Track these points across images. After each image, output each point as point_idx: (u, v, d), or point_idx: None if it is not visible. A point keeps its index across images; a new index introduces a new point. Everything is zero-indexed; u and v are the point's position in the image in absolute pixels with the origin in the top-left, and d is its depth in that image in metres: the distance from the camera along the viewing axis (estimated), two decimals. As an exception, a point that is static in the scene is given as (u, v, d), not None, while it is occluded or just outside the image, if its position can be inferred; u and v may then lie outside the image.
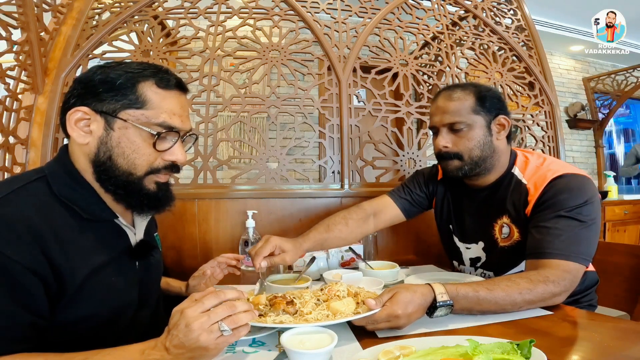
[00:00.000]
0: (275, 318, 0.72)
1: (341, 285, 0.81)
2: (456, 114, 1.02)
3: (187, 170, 1.56)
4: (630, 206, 3.41)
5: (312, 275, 1.15)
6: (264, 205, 1.51)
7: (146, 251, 0.76)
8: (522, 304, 0.80)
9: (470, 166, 1.03)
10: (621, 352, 0.64)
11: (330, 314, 0.72)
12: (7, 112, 1.39)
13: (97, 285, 0.65)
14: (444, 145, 1.04)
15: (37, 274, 0.57)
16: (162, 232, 1.46)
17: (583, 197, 0.90)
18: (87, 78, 0.68)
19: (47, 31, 1.53)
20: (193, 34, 1.65)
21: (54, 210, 0.63)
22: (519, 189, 1.01)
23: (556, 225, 0.88)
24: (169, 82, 0.69)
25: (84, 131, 0.66)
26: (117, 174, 0.67)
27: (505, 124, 1.04)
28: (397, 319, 0.71)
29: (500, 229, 1.04)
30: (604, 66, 4.71)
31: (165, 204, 0.73)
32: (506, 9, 2.05)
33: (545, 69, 1.93)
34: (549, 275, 0.82)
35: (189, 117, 0.74)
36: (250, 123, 1.59)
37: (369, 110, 1.68)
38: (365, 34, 1.74)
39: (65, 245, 0.61)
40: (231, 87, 1.60)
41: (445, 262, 1.42)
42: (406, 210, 1.24)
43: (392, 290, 0.76)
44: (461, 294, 0.77)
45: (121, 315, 0.71)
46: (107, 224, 0.71)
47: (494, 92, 1.06)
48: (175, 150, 0.70)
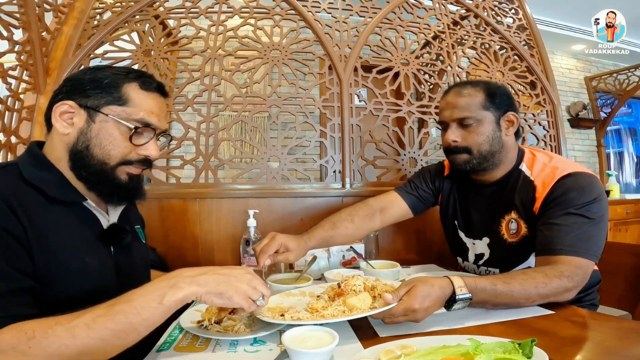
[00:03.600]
0: (293, 315, 0.73)
1: (357, 279, 0.80)
2: (466, 109, 1.03)
3: (189, 170, 1.57)
4: (632, 205, 3.40)
5: (313, 274, 1.15)
6: (265, 204, 1.51)
7: (117, 235, 0.77)
8: (536, 297, 0.80)
9: (479, 160, 1.04)
10: (623, 351, 0.64)
11: (346, 310, 0.73)
12: (9, 112, 1.40)
13: (69, 265, 0.66)
14: (453, 140, 1.05)
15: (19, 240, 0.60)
16: (164, 232, 1.47)
17: (591, 194, 0.91)
18: (76, 77, 0.74)
19: (49, 31, 1.54)
20: (194, 33, 1.65)
21: (24, 191, 0.66)
22: (527, 186, 1.01)
23: (565, 222, 0.89)
24: (150, 85, 0.76)
25: (67, 122, 0.71)
26: (92, 162, 0.71)
27: (514, 120, 1.05)
28: (415, 312, 0.71)
29: (508, 225, 1.05)
30: (606, 65, 4.70)
31: (135, 195, 0.78)
32: (507, 8, 2.04)
33: (547, 68, 1.93)
34: (563, 270, 0.83)
35: (166, 119, 0.80)
36: (251, 122, 1.59)
37: (370, 110, 1.68)
38: (366, 34, 1.73)
39: (33, 220, 0.63)
40: (232, 87, 1.61)
41: (447, 262, 1.42)
42: (414, 206, 1.24)
43: (409, 283, 0.75)
44: (480, 287, 0.77)
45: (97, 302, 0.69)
46: (77, 206, 0.73)
47: (503, 90, 1.07)
48: (149, 146, 0.76)
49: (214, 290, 0.62)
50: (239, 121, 1.62)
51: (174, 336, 0.73)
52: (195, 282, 0.62)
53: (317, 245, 1.09)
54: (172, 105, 1.55)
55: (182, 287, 0.60)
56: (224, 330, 0.72)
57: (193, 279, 0.62)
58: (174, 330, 0.76)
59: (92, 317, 0.55)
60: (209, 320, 0.74)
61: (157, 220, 1.45)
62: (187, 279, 0.62)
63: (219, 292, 0.62)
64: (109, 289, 0.73)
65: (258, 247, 0.98)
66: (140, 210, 1.00)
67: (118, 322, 0.56)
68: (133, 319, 0.56)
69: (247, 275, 0.67)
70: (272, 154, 1.58)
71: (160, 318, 0.59)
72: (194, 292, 0.61)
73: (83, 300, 0.66)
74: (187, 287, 0.61)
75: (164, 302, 0.58)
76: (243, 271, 0.67)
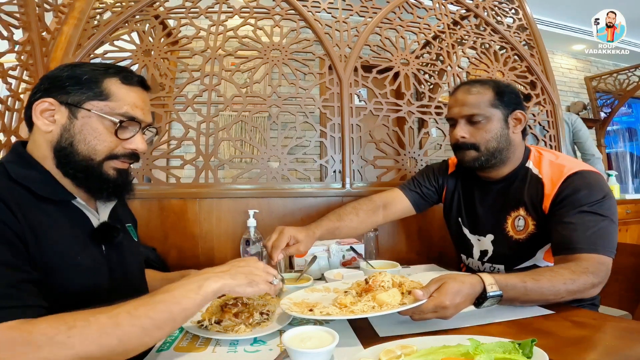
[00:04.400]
0: (322, 310, 0.73)
1: (385, 276, 0.81)
2: (475, 107, 1.04)
3: (189, 170, 1.57)
4: (632, 205, 3.40)
5: (313, 274, 1.15)
6: (265, 204, 1.51)
7: (108, 233, 0.77)
8: (564, 294, 0.81)
9: (487, 157, 1.05)
10: (623, 351, 0.64)
11: (376, 306, 0.73)
12: (9, 112, 1.40)
13: (60, 262, 0.66)
14: (461, 136, 1.06)
15: (19, 237, 0.60)
16: (164, 232, 1.47)
17: (601, 192, 0.93)
18: (54, 74, 0.73)
19: (49, 31, 1.54)
20: (194, 33, 1.65)
21: (13, 190, 0.65)
22: (535, 183, 1.03)
23: (580, 220, 0.90)
24: (132, 79, 0.75)
25: (48, 120, 0.71)
26: (78, 159, 0.71)
27: (521, 118, 1.07)
28: (445, 309, 0.71)
29: (514, 222, 1.05)
30: (606, 65, 4.70)
31: (125, 190, 0.78)
32: (507, 8, 2.04)
33: (547, 68, 1.93)
34: (588, 267, 0.84)
35: (150, 112, 0.79)
36: (251, 122, 1.59)
37: (370, 110, 1.68)
38: (367, 33, 1.73)
39: (28, 220, 0.63)
40: (232, 87, 1.61)
41: (447, 262, 1.42)
42: (416, 203, 1.25)
43: (439, 280, 0.75)
44: (510, 284, 0.78)
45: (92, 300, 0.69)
46: (66, 205, 0.73)
47: (512, 88, 1.08)
48: (136, 140, 0.75)
49: (244, 281, 0.67)
50: (239, 121, 1.62)
51: (174, 336, 0.74)
52: (227, 276, 0.67)
53: (324, 236, 1.11)
54: (172, 105, 1.55)
55: (215, 280, 0.65)
56: (224, 330, 0.72)
57: (224, 274, 0.67)
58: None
59: (134, 306, 0.58)
60: (209, 320, 0.74)
61: (157, 220, 1.45)
62: (219, 274, 0.67)
63: (247, 282, 0.68)
64: (102, 288, 0.73)
65: (269, 242, 0.99)
66: (140, 211, 1.00)
67: (159, 311, 0.58)
68: (174, 307, 0.59)
69: (259, 263, 0.74)
70: (272, 153, 1.58)
71: (197, 308, 0.63)
72: (227, 284, 0.66)
73: (76, 300, 0.66)
74: (221, 280, 0.65)
75: (201, 292, 0.62)
76: (254, 261, 0.74)
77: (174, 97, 1.56)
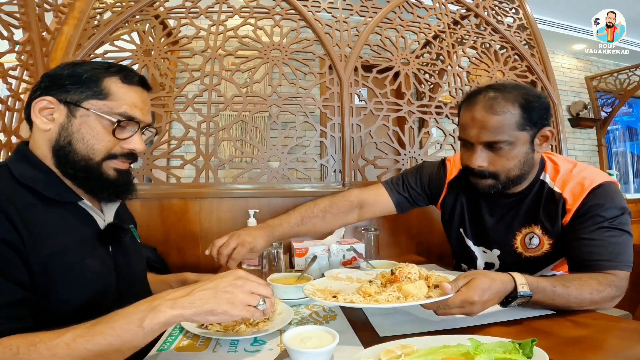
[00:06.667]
0: (346, 297, 0.72)
1: (412, 268, 0.79)
2: (498, 132, 0.89)
3: (189, 170, 1.57)
4: (632, 205, 3.39)
5: (313, 274, 1.14)
6: (265, 204, 1.51)
7: (116, 234, 0.76)
8: (587, 303, 0.80)
9: (505, 184, 0.96)
10: (623, 351, 0.64)
11: (401, 296, 0.71)
12: (10, 112, 1.40)
13: (68, 267, 0.65)
14: (479, 165, 0.93)
15: (15, 248, 0.59)
16: (164, 232, 1.47)
17: (620, 206, 0.91)
18: (54, 72, 0.72)
19: (49, 31, 1.54)
20: (194, 33, 1.65)
21: (17, 193, 0.64)
22: (553, 199, 0.95)
23: (602, 237, 0.88)
24: (132, 79, 0.74)
25: (47, 118, 0.70)
26: (76, 158, 0.70)
27: (549, 135, 0.94)
28: (472, 305, 0.69)
29: (524, 239, 1.00)
30: (607, 65, 4.69)
31: (127, 190, 0.77)
32: (508, 8, 2.04)
33: (547, 67, 1.93)
34: (614, 280, 0.83)
35: (150, 113, 0.78)
36: (251, 122, 1.60)
37: (370, 109, 1.68)
38: (367, 33, 1.73)
39: (29, 224, 0.62)
40: (232, 87, 1.61)
41: (448, 262, 1.42)
42: (400, 205, 1.19)
43: (468, 275, 0.73)
44: (540, 287, 0.76)
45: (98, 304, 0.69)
46: (72, 206, 0.72)
47: (542, 101, 0.93)
48: (134, 140, 0.74)
49: (202, 309, 0.57)
50: (239, 121, 1.62)
51: (174, 336, 0.73)
52: (178, 305, 0.56)
53: (282, 238, 1.08)
54: (173, 105, 1.55)
55: (163, 311, 0.55)
56: (224, 330, 0.72)
57: (175, 302, 0.57)
58: (174, 330, 0.76)
59: (73, 337, 0.53)
60: (209, 320, 0.74)
61: (157, 220, 1.45)
62: (169, 302, 0.57)
63: (208, 310, 0.57)
64: (110, 289, 0.73)
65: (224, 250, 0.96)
66: (140, 211, 1.00)
67: (97, 344, 0.53)
68: (113, 341, 0.53)
69: (238, 281, 0.61)
70: (272, 153, 1.58)
71: (141, 341, 0.56)
72: (177, 315, 0.56)
73: (84, 302, 0.66)
74: (169, 310, 0.56)
75: (144, 325, 0.54)
76: (232, 277, 0.61)
77: (174, 97, 1.56)
